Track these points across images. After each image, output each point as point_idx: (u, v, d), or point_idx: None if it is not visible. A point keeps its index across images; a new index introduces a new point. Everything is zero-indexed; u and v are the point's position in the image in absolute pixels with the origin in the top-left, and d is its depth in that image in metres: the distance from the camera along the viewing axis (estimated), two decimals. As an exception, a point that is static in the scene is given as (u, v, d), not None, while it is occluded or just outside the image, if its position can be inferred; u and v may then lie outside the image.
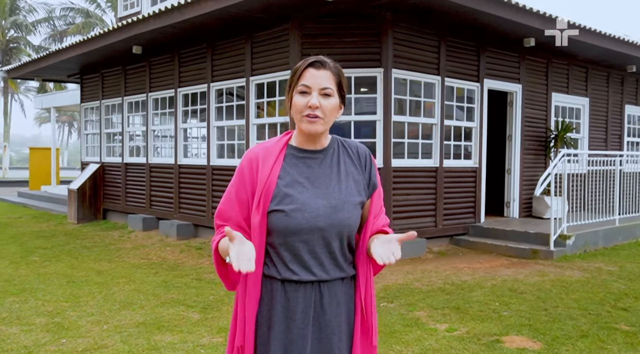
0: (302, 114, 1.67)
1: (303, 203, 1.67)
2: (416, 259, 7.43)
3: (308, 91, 1.67)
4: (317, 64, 1.69)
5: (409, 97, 7.78)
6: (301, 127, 1.70)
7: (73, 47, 10.39)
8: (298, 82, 1.69)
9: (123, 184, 11.03)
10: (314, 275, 1.70)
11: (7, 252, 7.64)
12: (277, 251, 1.71)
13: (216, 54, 8.81)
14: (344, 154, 1.80)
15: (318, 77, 1.68)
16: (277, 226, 1.67)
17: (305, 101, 1.66)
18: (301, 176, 1.72)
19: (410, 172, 7.81)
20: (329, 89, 1.68)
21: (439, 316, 4.79)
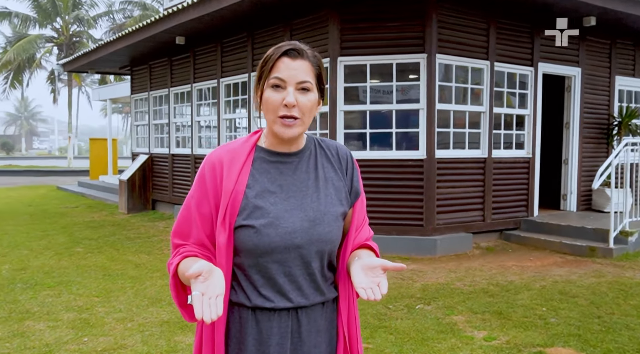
0: (277, 114, 1.40)
1: (276, 217, 1.42)
2: (461, 256, 7.05)
3: (282, 85, 1.39)
4: (292, 53, 1.40)
5: (454, 84, 7.34)
6: (274, 129, 1.43)
7: (120, 40, 10.52)
8: (270, 74, 1.40)
9: (170, 175, 11.15)
10: (291, 301, 1.46)
11: (55, 242, 7.84)
12: (247, 274, 1.46)
13: (256, 43, 8.66)
14: (322, 156, 1.54)
15: (294, 68, 1.39)
16: (245, 245, 1.42)
17: (280, 98, 1.39)
18: (273, 184, 1.46)
19: (456, 163, 7.40)
20: (308, 82, 1.41)
21: (478, 321, 4.45)
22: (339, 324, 1.55)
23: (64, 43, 27.79)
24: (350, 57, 7.19)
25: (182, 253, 1.46)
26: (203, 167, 1.49)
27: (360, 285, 1.34)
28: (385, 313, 4.66)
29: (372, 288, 1.33)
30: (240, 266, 1.46)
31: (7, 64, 26.34)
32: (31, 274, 5.89)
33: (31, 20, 28.20)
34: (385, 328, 4.28)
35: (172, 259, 1.48)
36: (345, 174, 1.56)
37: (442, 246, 7.03)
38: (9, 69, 27.22)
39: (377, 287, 1.33)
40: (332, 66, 7.20)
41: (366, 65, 7.18)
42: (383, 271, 1.37)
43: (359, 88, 7.44)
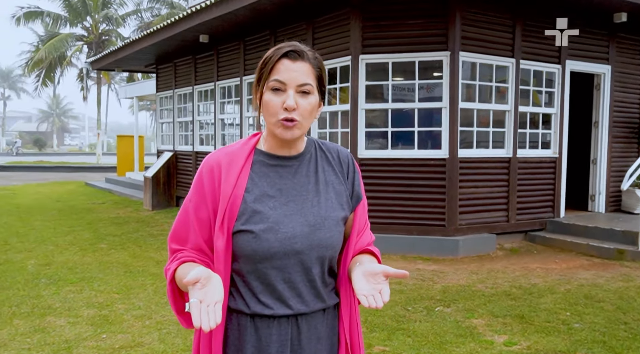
0: (277, 117, 1.37)
1: (275, 221, 1.39)
2: (484, 257, 6.93)
3: (282, 87, 1.36)
4: (292, 55, 1.37)
5: (478, 82, 7.21)
6: (275, 132, 1.40)
7: (145, 38, 10.64)
8: (270, 76, 1.37)
9: (194, 172, 11.24)
10: (290, 308, 1.43)
11: (80, 238, 7.98)
12: (245, 280, 1.42)
13: (278, 41, 8.59)
14: (322, 159, 1.51)
15: (294, 70, 1.36)
16: (244, 250, 1.38)
17: (280, 101, 1.36)
18: (272, 188, 1.43)
19: (480, 162, 7.27)
20: (308, 85, 1.37)
21: (498, 325, 4.35)
22: (340, 331, 1.52)
23: (93, 41, 28.30)
24: (372, 55, 7.12)
25: (180, 258, 1.42)
26: (201, 171, 1.45)
27: (362, 292, 1.31)
28: (403, 314, 4.60)
29: (373, 295, 1.30)
30: (238, 272, 1.43)
31: (39, 62, 26.96)
32: (55, 270, 5.99)
33: (62, 19, 28.80)
34: (403, 330, 4.22)
35: (169, 264, 1.44)
36: (347, 178, 1.53)
37: (464, 247, 6.92)
38: (40, 67, 27.86)
39: (379, 294, 1.31)
40: (353, 64, 7.14)
41: (388, 63, 7.10)
42: (385, 278, 1.34)
43: (381, 86, 7.37)
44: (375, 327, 4.28)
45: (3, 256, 6.67)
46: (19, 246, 7.35)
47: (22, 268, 6.08)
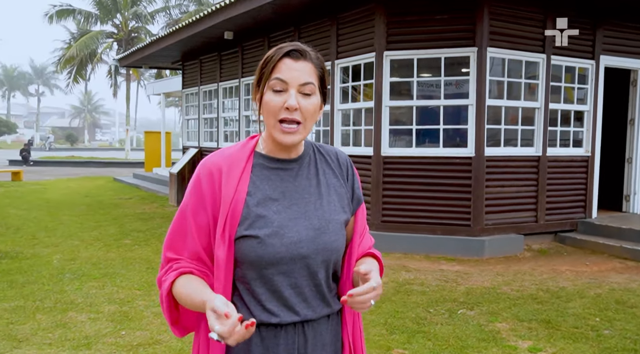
0: (277, 118, 1.32)
1: (280, 226, 1.34)
2: (511, 258, 6.75)
3: (284, 87, 1.32)
4: (295, 54, 1.33)
5: (506, 78, 7.02)
6: (275, 135, 1.34)
7: (171, 35, 10.70)
8: (271, 75, 1.32)
9: (218, 169, 11.27)
10: (297, 314, 1.37)
11: (106, 233, 8.07)
12: (250, 288, 1.37)
13: (302, 38, 8.58)
14: (321, 162, 1.47)
15: (296, 70, 1.32)
16: (249, 256, 1.33)
17: (281, 101, 1.31)
18: (275, 191, 1.38)
19: (507, 161, 7.09)
20: (311, 85, 1.33)
21: (523, 330, 4.22)
22: (344, 336, 1.47)
23: (123, 39, 28.71)
24: (397, 51, 6.99)
25: (177, 270, 1.36)
26: (198, 175, 1.39)
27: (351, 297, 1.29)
28: (425, 317, 4.50)
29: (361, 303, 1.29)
30: (242, 280, 1.37)
31: (70, 59, 27.48)
32: (80, 265, 6.06)
33: (93, 17, 29.29)
34: (424, 333, 4.12)
35: (165, 274, 1.38)
36: (347, 181, 1.49)
37: (490, 248, 6.75)
38: (72, 64, 28.41)
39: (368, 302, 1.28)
40: (378, 61, 7.03)
41: (413, 59, 6.97)
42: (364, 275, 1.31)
43: (406, 83, 7.24)
44: (395, 329, 4.19)
45: (30, 251, 6.78)
46: (47, 240, 7.47)
47: (48, 263, 6.17)
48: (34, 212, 10.11)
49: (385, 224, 7.09)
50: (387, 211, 7.11)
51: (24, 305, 4.61)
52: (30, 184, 16.14)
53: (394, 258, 6.63)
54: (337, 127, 7.87)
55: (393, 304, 4.81)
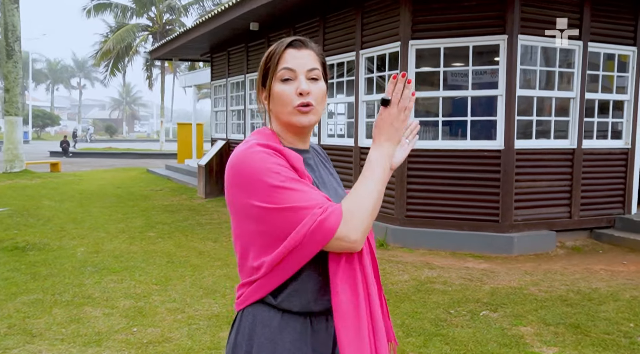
0: (292, 105, 1.36)
1: None
2: (542, 256, 6.47)
3: (292, 76, 1.36)
4: (297, 44, 1.39)
5: (539, 67, 6.69)
6: (292, 121, 1.38)
7: (198, 27, 10.69)
8: (277, 67, 1.37)
9: (245, 161, 11.25)
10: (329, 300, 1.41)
11: (131, 225, 8.14)
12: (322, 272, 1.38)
13: (328, 28, 8.41)
14: (317, 154, 1.56)
15: (301, 57, 1.37)
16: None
17: (293, 89, 1.36)
18: (317, 180, 1.44)
19: (539, 154, 6.78)
20: (317, 70, 1.39)
21: (549, 335, 3.99)
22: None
23: (157, 31, 29.06)
24: (423, 40, 6.75)
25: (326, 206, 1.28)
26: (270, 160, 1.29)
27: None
28: (445, 318, 4.32)
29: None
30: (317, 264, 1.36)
31: (107, 52, 27.98)
32: (102, 258, 6.10)
33: (129, 10, 29.73)
34: (442, 336, 3.94)
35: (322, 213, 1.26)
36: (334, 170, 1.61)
37: (519, 245, 6.48)
38: (109, 58, 28.93)
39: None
40: (402, 50, 6.80)
41: (440, 48, 6.71)
42: None
43: (432, 73, 6.99)
44: (411, 331, 4.02)
45: (57, 243, 6.88)
46: (74, 232, 7.57)
47: (72, 255, 6.23)
48: (66, 204, 10.31)
49: (410, 219, 6.89)
50: (411, 206, 6.91)
51: (42, 299, 4.64)
52: (67, 175, 16.52)
53: (418, 255, 6.44)
54: (362, 118, 7.69)
55: (412, 304, 4.65)
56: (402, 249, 6.70)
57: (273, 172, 1.27)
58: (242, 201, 1.30)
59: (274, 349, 1.35)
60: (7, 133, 15.51)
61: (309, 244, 1.25)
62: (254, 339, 1.36)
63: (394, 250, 6.68)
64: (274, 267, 1.31)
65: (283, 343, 1.35)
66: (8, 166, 15.42)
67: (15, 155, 15.50)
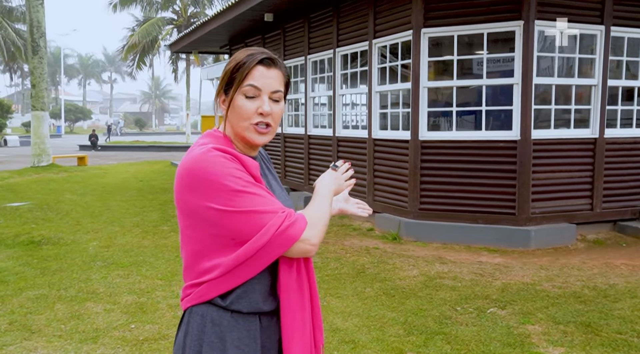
0: (251, 122, 1.40)
1: None
2: (560, 249, 6.24)
3: (256, 94, 1.40)
4: (267, 62, 1.41)
5: (557, 54, 6.42)
6: (247, 137, 1.42)
7: (213, 19, 10.66)
8: (244, 81, 1.39)
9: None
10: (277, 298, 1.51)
11: (147, 219, 8.19)
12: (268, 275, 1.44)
13: (341, 17, 8.25)
14: (264, 158, 1.59)
15: (269, 77, 1.41)
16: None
17: (254, 107, 1.40)
18: (267, 186, 1.47)
19: (558, 144, 6.53)
20: (280, 92, 1.44)
21: (557, 334, 3.82)
22: None
23: (182, 24, 29.23)
24: (435, 28, 6.55)
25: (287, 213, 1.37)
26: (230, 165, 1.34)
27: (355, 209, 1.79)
28: (450, 315, 4.18)
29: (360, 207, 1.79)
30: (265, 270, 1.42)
31: (133, 46, 28.34)
32: (112, 252, 6.14)
33: (154, 4, 29.99)
34: (444, 334, 3.81)
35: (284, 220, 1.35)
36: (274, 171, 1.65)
37: (537, 238, 6.27)
38: (135, 51, 29.29)
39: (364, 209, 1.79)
40: (415, 39, 6.62)
41: (453, 36, 6.50)
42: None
43: (445, 62, 6.79)
44: (413, 329, 3.91)
45: (71, 237, 6.96)
46: (89, 226, 7.66)
47: (84, 250, 6.29)
48: (87, 197, 10.46)
49: (423, 212, 6.74)
50: (425, 199, 6.75)
51: (47, 294, 4.68)
52: (92, 169, 16.81)
53: (432, 249, 6.29)
54: (375, 110, 7.54)
55: (418, 300, 4.52)
56: (415, 243, 6.55)
57: (234, 177, 1.31)
58: (197, 204, 1.33)
59: (224, 348, 1.38)
60: (34, 128, 15.84)
61: (275, 246, 1.32)
62: (204, 339, 1.39)
63: (406, 244, 6.54)
64: (232, 268, 1.34)
65: (232, 340, 1.38)
66: (35, 160, 15.76)
67: (42, 149, 15.83)
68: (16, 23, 39.28)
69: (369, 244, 6.55)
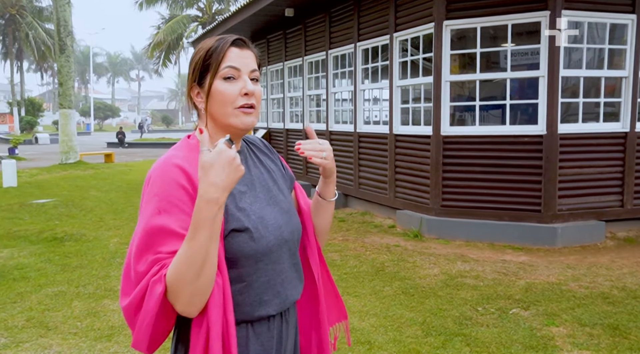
0: (235, 106, 1.30)
1: (261, 216, 1.35)
2: (589, 247, 6.03)
3: (236, 74, 1.30)
4: (239, 43, 1.33)
5: (585, 45, 6.19)
6: (234, 122, 1.31)
7: (234, 15, 10.64)
8: (220, 65, 1.29)
9: (285, 150, 11.18)
10: (287, 299, 1.39)
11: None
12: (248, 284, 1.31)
13: (362, 11, 8.12)
14: (255, 150, 1.48)
15: (245, 57, 1.32)
16: (244, 251, 1.29)
17: (236, 88, 1.30)
18: (241, 185, 1.35)
19: (586, 139, 6.30)
20: (257, 71, 1.35)
21: (583, 337, 3.66)
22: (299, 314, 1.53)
23: (207, 21, 29.36)
24: (458, 20, 6.38)
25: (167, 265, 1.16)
26: (164, 182, 1.22)
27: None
28: (470, 316, 4.05)
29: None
30: (237, 280, 1.30)
31: (158, 44, 28.58)
32: (133, 249, 6.16)
33: (179, 1, 30.21)
34: (464, 336, 3.69)
35: (153, 277, 1.16)
36: (278, 161, 1.53)
37: (564, 236, 6.06)
38: (160, 49, 29.55)
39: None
40: (436, 32, 6.46)
41: (476, 28, 6.32)
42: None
43: (468, 55, 6.62)
44: (432, 330, 3.80)
45: (93, 233, 7.02)
46: (111, 223, 7.73)
47: (104, 246, 6.34)
48: (111, 194, 10.58)
49: (446, 209, 6.59)
50: (447, 195, 6.60)
51: (66, 291, 4.71)
52: (119, 165, 17.04)
53: (454, 246, 6.15)
54: (397, 105, 7.40)
55: (438, 300, 4.40)
56: (437, 241, 6.41)
57: (161, 202, 1.21)
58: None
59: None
60: (62, 125, 16.12)
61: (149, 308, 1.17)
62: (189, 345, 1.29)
63: (428, 241, 6.40)
64: None
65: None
66: (63, 157, 16.05)
67: (69, 147, 16.10)
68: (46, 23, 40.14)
69: (389, 242, 6.43)
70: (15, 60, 44.87)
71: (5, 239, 6.69)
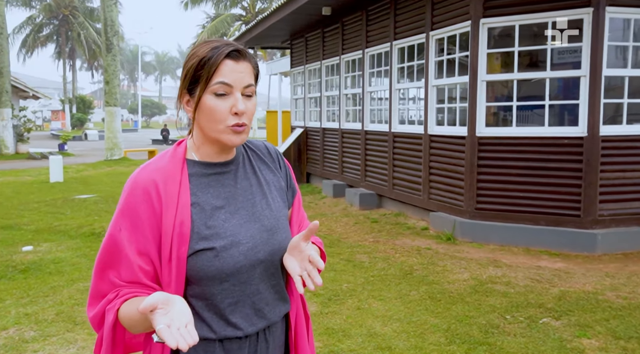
0: (226, 125, 1.25)
1: (233, 234, 1.28)
2: (631, 255, 5.75)
3: (228, 91, 1.24)
4: (235, 55, 1.25)
5: (632, 43, 5.90)
6: (223, 139, 1.27)
7: (272, 14, 10.68)
8: (212, 79, 1.23)
9: (321, 149, 11.16)
10: (265, 318, 1.34)
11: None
12: (211, 303, 1.28)
13: (398, 9, 8.01)
14: (255, 159, 1.42)
15: (239, 71, 1.25)
16: (207, 271, 1.25)
17: (227, 106, 1.24)
18: (218, 199, 1.30)
19: (630, 141, 6.01)
20: (252, 86, 1.28)
21: (616, 350, 3.49)
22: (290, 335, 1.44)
23: (250, 20, 29.70)
24: (495, 18, 6.19)
25: (122, 296, 1.21)
26: (131, 194, 1.25)
27: (296, 272, 1.26)
28: (498, 324, 3.93)
29: (307, 271, 1.24)
30: (200, 297, 1.28)
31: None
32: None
33: (224, 0, 30.69)
34: (489, 345, 3.58)
35: (107, 305, 1.22)
36: (280, 172, 1.46)
37: (604, 242, 5.80)
38: (204, 48, 30.06)
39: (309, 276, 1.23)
40: (473, 30, 6.29)
41: (514, 26, 6.12)
42: (305, 241, 1.27)
43: (505, 54, 6.42)
44: (456, 338, 3.69)
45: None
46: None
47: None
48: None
49: (480, 212, 6.42)
50: (482, 198, 6.43)
51: (97, 285, 4.83)
52: (161, 162, 17.42)
53: (487, 251, 5.98)
54: (432, 104, 7.27)
55: (465, 307, 4.29)
56: (470, 244, 6.26)
57: (124, 219, 1.23)
58: None
59: None
60: (107, 123, 16.63)
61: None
62: None
63: (461, 245, 6.26)
64: None
65: None
66: (108, 153, 16.55)
67: (114, 143, 16.59)
68: (97, 22, 41.49)
69: (420, 244, 6.32)
70: (67, 59, 46.64)
71: (46, 233, 6.94)
